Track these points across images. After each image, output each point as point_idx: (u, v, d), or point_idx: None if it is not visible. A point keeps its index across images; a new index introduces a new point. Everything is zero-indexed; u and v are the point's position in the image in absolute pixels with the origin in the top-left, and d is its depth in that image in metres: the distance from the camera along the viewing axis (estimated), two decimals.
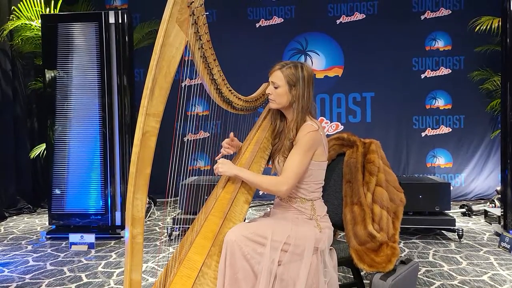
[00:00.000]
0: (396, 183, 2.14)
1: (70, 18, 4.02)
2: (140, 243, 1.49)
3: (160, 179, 2.69)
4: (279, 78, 1.92)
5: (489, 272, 2.94)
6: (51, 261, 3.38)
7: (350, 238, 2.03)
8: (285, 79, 1.91)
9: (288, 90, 1.92)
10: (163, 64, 1.50)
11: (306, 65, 1.96)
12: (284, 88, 1.92)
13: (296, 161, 1.86)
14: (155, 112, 1.48)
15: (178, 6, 1.53)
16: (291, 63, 1.95)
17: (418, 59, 5.75)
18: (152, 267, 3.17)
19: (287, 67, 1.92)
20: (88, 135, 3.98)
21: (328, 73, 5.86)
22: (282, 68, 1.92)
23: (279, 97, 1.94)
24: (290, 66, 1.93)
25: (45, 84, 4.04)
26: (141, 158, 1.46)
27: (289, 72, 1.91)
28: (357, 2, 5.80)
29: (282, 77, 1.92)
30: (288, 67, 1.92)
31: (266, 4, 5.95)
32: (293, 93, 1.92)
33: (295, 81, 1.91)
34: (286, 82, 1.91)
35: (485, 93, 5.48)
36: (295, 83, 1.91)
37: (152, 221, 4.69)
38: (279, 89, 1.93)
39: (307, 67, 1.95)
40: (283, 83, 1.91)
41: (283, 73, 1.92)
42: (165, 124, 1.62)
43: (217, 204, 1.94)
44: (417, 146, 5.79)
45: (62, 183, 4.00)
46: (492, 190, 5.47)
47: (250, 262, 1.71)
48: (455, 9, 5.68)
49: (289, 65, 1.93)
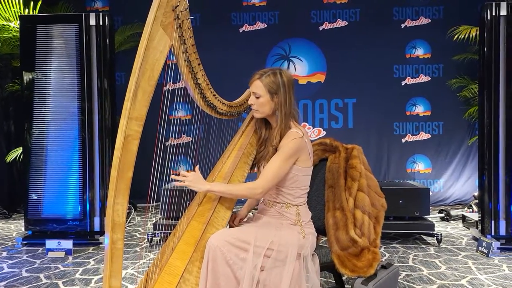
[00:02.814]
0: (378, 189, 2.16)
1: (50, 20, 3.94)
2: (120, 248, 1.47)
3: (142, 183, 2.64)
4: (259, 87, 1.91)
5: (468, 276, 2.99)
6: (26, 267, 3.29)
7: (332, 243, 2.04)
8: (265, 88, 1.90)
9: (270, 98, 1.91)
10: (147, 67, 1.48)
11: (285, 71, 1.95)
12: (266, 97, 1.90)
13: (276, 166, 1.85)
14: (137, 115, 1.47)
15: (163, 10, 1.52)
16: (270, 71, 1.93)
17: (399, 66, 5.85)
18: (132, 274, 3.11)
19: (266, 75, 1.90)
20: (66, 139, 3.90)
21: (310, 79, 5.91)
22: (261, 77, 1.90)
23: (262, 107, 1.92)
24: (269, 74, 1.91)
25: (23, 86, 3.95)
26: (123, 162, 1.44)
27: (269, 81, 1.89)
28: (340, 10, 5.88)
29: (262, 86, 1.90)
30: (267, 76, 1.90)
31: (250, 10, 5.97)
32: (275, 101, 1.91)
33: (276, 89, 1.89)
34: (267, 91, 1.90)
35: (463, 100, 5.61)
36: (276, 90, 1.89)
37: (133, 227, 4.62)
38: (260, 99, 1.91)
39: (286, 73, 1.94)
40: (264, 92, 1.90)
41: (263, 82, 1.90)
42: (148, 128, 1.60)
43: (200, 209, 1.92)
44: (397, 152, 5.88)
45: (39, 187, 3.90)
46: (470, 195, 5.59)
47: (232, 267, 1.69)
48: (435, 18, 5.81)
49: (268, 73, 1.91)
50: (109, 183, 1.46)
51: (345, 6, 5.87)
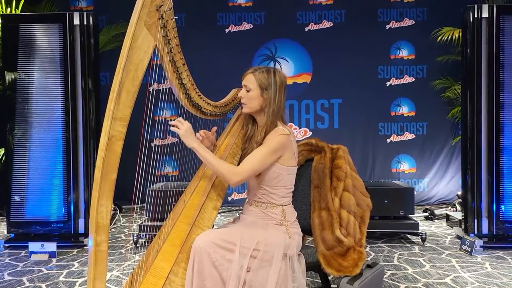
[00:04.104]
0: (363, 188, 2.17)
1: (33, 19, 3.88)
2: (104, 251, 1.45)
3: (126, 185, 2.62)
4: (251, 81, 1.93)
5: (451, 274, 3.03)
6: (9, 271, 3.23)
7: (318, 243, 2.04)
8: (257, 83, 1.92)
9: (259, 93, 1.92)
10: (131, 67, 1.47)
11: (279, 72, 1.98)
12: (256, 92, 1.92)
13: (258, 157, 1.85)
14: (121, 116, 1.45)
15: (147, 9, 1.51)
16: (264, 68, 1.96)
17: (384, 67, 5.91)
18: (117, 276, 3.08)
19: (260, 71, 1.94)
20: (50, 139, 3.84)
21: (297, 79, 5.93)
22: (255, 72, 1.94)
23: (251, 101, 1.94)
24: (262, 70, 1.94)
25: (5, 86, 3.88)
26: (107, 163, 1.43)
27: (261, 76, 1.92)
28: (325, 11, 5.91)
29: (254, 81, 1.93)
30: (260, 71, 1.94)
31: (236, 10, 5.96)
32: (264, 97, 1.92)
33: (266, 85, 1.91)
34: (258, 85, 1.92)
35: (447, 101, 5.69)
36: (266, 87, 1.91)
37: (118, 229, 4.58)
38: (250, 92, 1.93)
39: (280, 74, 1.97)
40: (255, 86, 1.92)
41: (255, 76, 1.93)
42: (132, 128, 1.59)
43: (185, 210, 1.91)
44: (382, 152, 5.93)
45: (22, 189, 3.83)
46: (453, 194, 5.67)
47: (218, 269, 1.69)
48: (419, 19, 5.88)
49: (262, 70, 1.95)
50: (93, 184, 1.44)
51: (331, 7, 5.91)
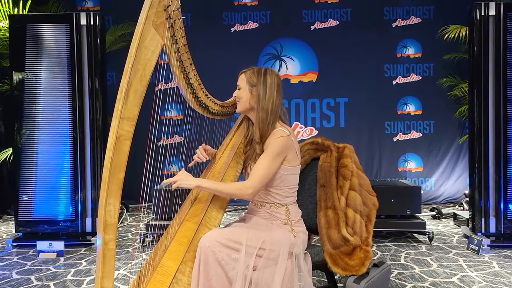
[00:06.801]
0: (369, 187, 2.17)
1: (40, 19, 3.90)
2: (112, 249, 1.46)
3: (134, 184, 2.64)
4: (241, 79, 2.00)
5: (459, 273, 3.02)
6: (17, 269, 3.26)
7: (324, 242, 2.04)
8: (246, 80, 1.98)
9: (249, 90, 1.97)
10: (139, 67, 1.47)
11: (272, 71, 2.01)
12: (245, 88, 1.97)
13: (264, 165, 1.86)
14: (129, 115, 1.46)
15: (155, 9, 1.52)
16: (256, 67, 2.02)
17: (390, 66, 5.88)
18: (124, 274, 3.10)
19: (251, 70, 1.99)
20: (57, 139, 3.87)
21: (302, 78, 5.92)
22: (247, 71, 2.00)
23: (242, 99, 1.99)
24: (253, 69, 2.00)
25: (13, 86, 3.91)
26: (115, 163, 1.43)
27: (251, 74, 1.98)
28: (331, 9, 5.90)
29: (244, 79, 1.99)
30: (252, 71, 1.99)
31: (242, 9, 5.96)
32: (253, 93, 1.95)
33: (256, 82, 1.95)
34: (247, 82, 1.97)
35: (454, 99, 5.66)
36: (256, 83, 1.95)
37: (125, 227, 4.60)
38: (241, 90, 1.99)
39: (272, 72, 2.00)
40: (244, 84, 1.98)
41: (246, 75, 1.99)
42: (139, 128, 1.60)
43: (192, 209, 1.92)
44: (389, 150, 5.91)
45: (29, 188, 3.86)
46: (461, 193, 5.64)
47: (224, 268, 1.69)
48: (425, 17, 5.85)
49: (254, 69, 2.00)
50: (101, 183, 1.45)
51: (336, 6, 5.89)
